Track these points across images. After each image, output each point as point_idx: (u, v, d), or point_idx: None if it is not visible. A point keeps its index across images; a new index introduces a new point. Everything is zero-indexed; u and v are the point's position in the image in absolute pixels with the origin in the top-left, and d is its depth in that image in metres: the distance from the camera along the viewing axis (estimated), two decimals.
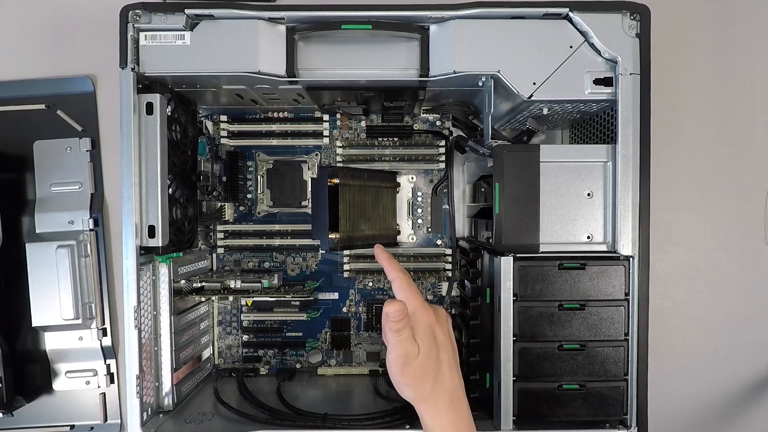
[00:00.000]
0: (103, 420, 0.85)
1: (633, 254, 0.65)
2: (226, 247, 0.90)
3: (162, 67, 0.66)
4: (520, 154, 0.66)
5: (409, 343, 0.54)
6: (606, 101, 0.66)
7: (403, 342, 0.53)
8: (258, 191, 0.90)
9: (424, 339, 0.55)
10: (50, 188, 0.84)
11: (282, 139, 0.89)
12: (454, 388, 0.56)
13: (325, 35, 0.67)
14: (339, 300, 0.90)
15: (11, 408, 0.81)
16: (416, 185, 0.89)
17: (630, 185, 0.64)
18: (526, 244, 0.66)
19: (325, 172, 0.77)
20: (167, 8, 0.65)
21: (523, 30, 0.65)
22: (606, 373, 0.65)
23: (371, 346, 0.90)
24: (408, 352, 0.53)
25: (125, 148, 0.65)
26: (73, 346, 0.84)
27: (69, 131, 0.85)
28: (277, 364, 0.90)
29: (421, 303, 0.56)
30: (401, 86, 0.71)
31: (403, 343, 0.53)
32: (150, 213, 0.67)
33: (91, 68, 0.86)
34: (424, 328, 0.55)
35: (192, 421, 0.71)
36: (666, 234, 0.88)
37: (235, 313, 0.90)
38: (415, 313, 0.55)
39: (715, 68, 0.87)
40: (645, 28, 0.64)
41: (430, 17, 0.65)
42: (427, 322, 0.56)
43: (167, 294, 0.73)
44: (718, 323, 0.89)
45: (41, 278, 0.81)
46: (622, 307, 0.65)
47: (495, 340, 0.67)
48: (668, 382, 0.88)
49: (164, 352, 0.73)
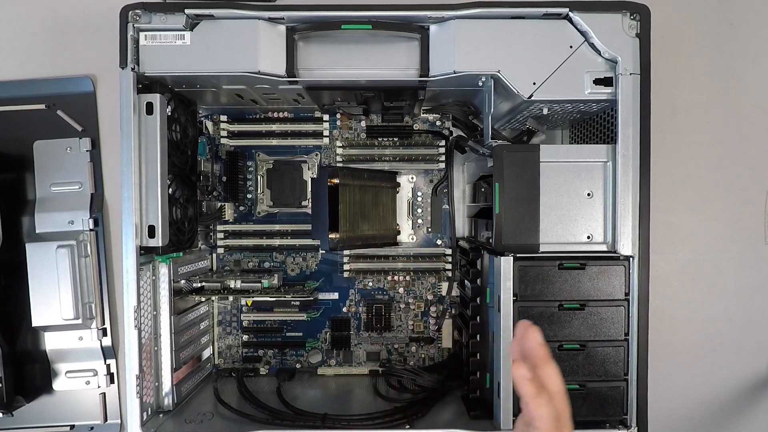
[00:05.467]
0: (103, 420, 0.85)
1: (633, 254, 0.65)
2: (226, 247, 0.90)
3: (162, 67, 0.66)
4: (520, 154, 0.66)
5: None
6: (606, 101, 0.66)
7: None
8: (258, 191, 0.90)
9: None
10: (50, 188, 0.84)
11: (282, 139, 0.89)
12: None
13: (325, 35, 0.67)
14: (339, 300, 0.90)
15: (11, 408, 0.81)
16: (416, 185, 0.89)
17: (630, 185, 0.64)
18: (526, 244, 0.66)
19: (325, 172, 0.77)
20: (167, 8, 0.65)
21: (523, 30, 0.65)
22: (606, 373, 0.65)
23: (371, 346, 0.90)
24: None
25: (125, 148, 0.65)
26: (73, 346, 0.84)
27: (69, 131, 0.85)
28: (277, 364, 0.90)
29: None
30: (401, 86, 0.71)
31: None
32: (150, 213, 0.67)
33: (91, 68, 0.86)
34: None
35: (192, 421, 0.71)
36: (666, 234, 0.88)
37: (235, 313, 0.90)
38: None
39: (715, 68, 0.87)
40: (645, 28, 0.64)
41: (430, 17, 0.65)
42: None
43: (167, 294, 0.73)
44: (718, 323, 0.89)
45: (41, 278, 0.80)
46: (622, 307, 0.65)
47: (495, 340, 0.67)
48: (668, 382, 0.88)
49: (164, 352, 0.73)
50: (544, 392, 0.47)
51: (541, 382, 0.48)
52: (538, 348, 0.49)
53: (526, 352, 0.50)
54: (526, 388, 0.47)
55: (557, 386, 0.49)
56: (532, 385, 0.47)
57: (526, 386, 0.47)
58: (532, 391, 0.47)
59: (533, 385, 0.47)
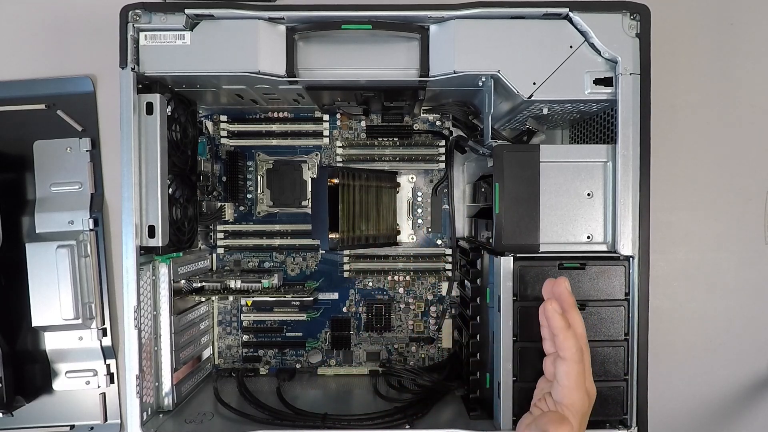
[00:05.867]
0: (103, 420, 0.85)
1: (633, 254, 0.65)
2: (226, 247, 0.90)
3: (162, 67, 0.66)
4: (520, 154, 0.66)
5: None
6: (606, 101, 0.66)
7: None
8: (258, 191, 0.90)
9: (576, 430, 0.54)
10: (50, 188, 0.84)
11: (282, 139, 0.89)
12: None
13: (325, 35, 0.67)
14: (339, 300, 0.90)
15: (11, 408, 0.81)
16: (416, 185, 0.89)
17: (630, 185, 0.64)
18: (526, 244, 0.66)
19: (325, 172, 0.77)
20: (167, 8, 0.65)
21: (523, 30, 0.65)
22: (606, 373, 0.65)
23: (371, 346, 0.90)
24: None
25: (125, 148, 0.65)
26: (73, 346, 0.84)
27: (69, 131, 0.85)
28: (277, 364, 0.90)
29: (584, 396, 0.55)
30: (401, 86, 0.71)
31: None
32: (150, 213, 0.67)
33: (91, 68, 0.86)
34: (576, 422, 0.54)
35: (192, 421, 0.71)
36: (666, 234, 0.88)
37: (235, 313, 0.90)
38: (574, 406, 0.54)
39: (715, 68, 0.87)
40: (645, 28, 0.64)
41: (430, 17, 0.65)
42: (583, 414, 0.55)
43: (167, 294, 0.73)
44: (718, 323, 0.89)
45: (41, 278, 0.80)
46: (622, 307, 0.65)
47: (495, 340, 0.67)
48: (668, 382, 0.88)
49: (164, 352, 0.73)
50: (571, 329, 0.53)
51: (568, 322, 0.54)
52: (568, 295, 0.56)
53: (557, 295, 0.56)
54: (558, 321, 0.54)
55: (581, 329, 0.54)
56: (563, 319, 0.54)
57: (557, 319, 0.54)
58: (563, 324, 0.54)
59: (563, 319, 0.54)
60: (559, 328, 0.54)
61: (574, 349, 0.54)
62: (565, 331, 0.54)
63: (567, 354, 0.54)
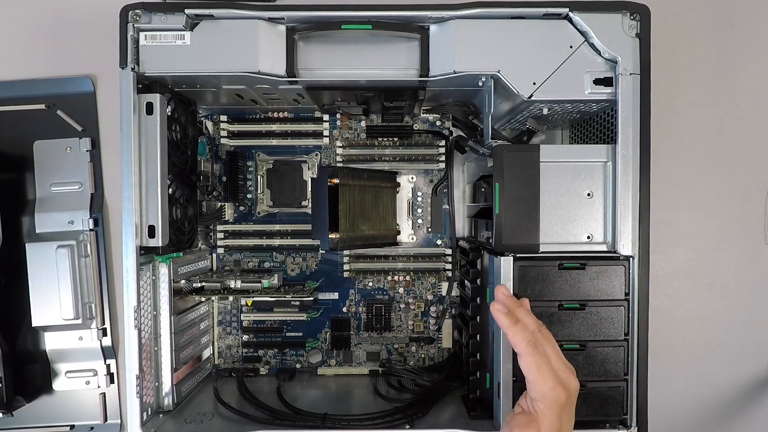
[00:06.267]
0: (103, 420, 0.85)
1: (633, 254, 0.65)
2: (226, 247, 0.90)
3: (162, 67, 0.66)
4: (520, 154, 0.66)
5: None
6: (606, 101, 0.66)
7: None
8: (258, 191, 0.90)
9: (551, 423, 0.54)
10: (50, 188, 0.84)
11: (282, 139, 0.89)
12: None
13: (325, 35, 0.68)
14: (339, 300, 0.90)
15: (11, 408, 0.81)
16: (416, 185, 0.89)
17: (630, 185, 0.64)
18: (526, 244, 0.66)
19: (325, 172, 0.77)
20: (167, 8, 0.65)
21: (523, 30, 0.65)
22: (606, 373, 0.65)
23: (371, 346, 0.90)
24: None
25: (125, 148, 0.65)
26: (73, 346, 0.84)
27: (69, 131, 0.85)
28: (277, 364, 0.90)
29: (553, 386, 0.55)
30: (401, 86, 0.71)
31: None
32: (150, 213, 0.67)
33: (91, 68, 0.86)
34: (553, 414, 0.54)
35: (192, 421, 0.71)
36: (666, 234, 0.88)
37: (235, 313, 0.90)
38: (546, 398, 0.54)
39: (715, 68, 0.87)
40: (645, 28, 0.64)
41: (430, 17, 0.65)
42: (559, 405, 0.55)
43: (167, 294, 0.73)
44: (718, 323, 0.89)
45: (41, 278, 0.80)
46: (622, 307, 0.65)
47: (495, 340, 0.67)
48: (668, 382, 0.88)
49: (164, 352, 0.73)
50: (519, 323, 0.57)
51: (515, 318, 0.58)
52: (506, 298, 0.60)
53: (499, 301, 0.60)
54: (502, 319, 0.58)
55: (532, 324, 0.58)
56: (507, 317, 0.58)
57: (501, 318, 0.58)
58: (508, 322, 0.57)
59: (508, 317, 0.58)
60: (505, 325, 0.58)
61: (524, 343, 0.56)
62: (512, 327, 0.57)
63: (519, 348, 0.56)
